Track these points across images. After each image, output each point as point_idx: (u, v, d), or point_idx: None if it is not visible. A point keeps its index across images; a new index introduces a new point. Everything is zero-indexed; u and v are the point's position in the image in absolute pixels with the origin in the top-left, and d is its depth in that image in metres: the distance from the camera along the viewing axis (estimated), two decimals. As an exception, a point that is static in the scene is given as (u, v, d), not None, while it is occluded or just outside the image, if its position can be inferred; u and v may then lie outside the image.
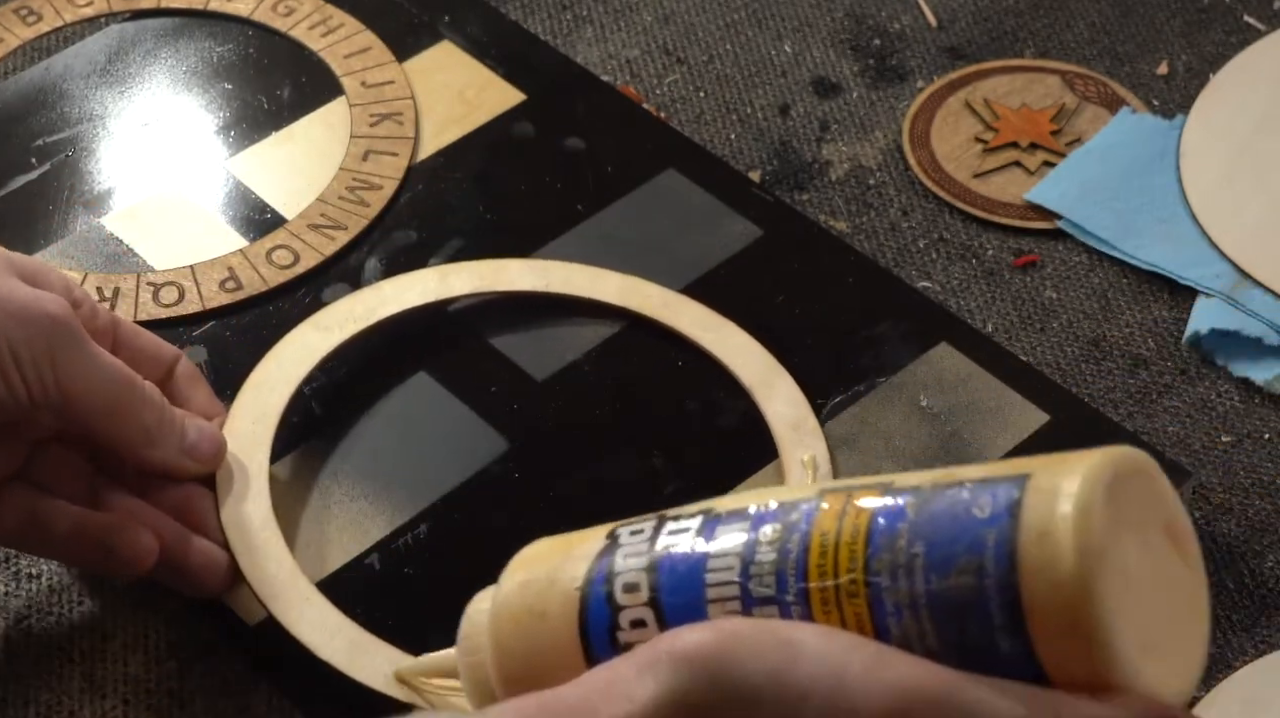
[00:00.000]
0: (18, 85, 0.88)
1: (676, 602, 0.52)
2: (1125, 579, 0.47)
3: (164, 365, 0.69)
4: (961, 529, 0.48)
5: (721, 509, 0.53)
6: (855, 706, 0.47)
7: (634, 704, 0.49)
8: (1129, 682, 0.47)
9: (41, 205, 0.82)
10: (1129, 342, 0.78)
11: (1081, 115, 0.87)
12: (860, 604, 0.49)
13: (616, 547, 0.54)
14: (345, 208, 0.82)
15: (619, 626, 0.53)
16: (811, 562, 0.50)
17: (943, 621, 0.48)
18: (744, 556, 0.51)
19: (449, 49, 0.89)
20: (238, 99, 0.87)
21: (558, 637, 0.54)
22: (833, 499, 0.51)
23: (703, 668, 0.49)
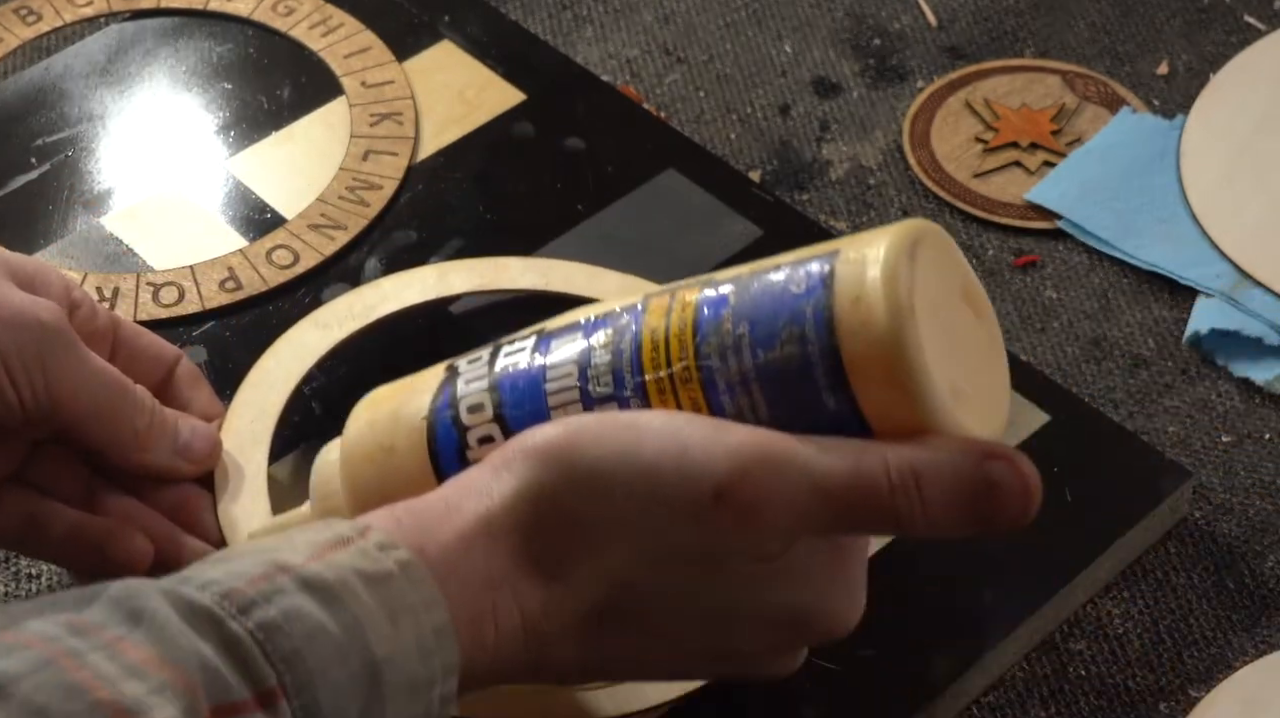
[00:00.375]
0: (18, 85, 0.88)
1: (520, 413, 0.55)
2: (933, 334, 0.51)
3: (164, 366, 0.69)
4: (781, 305, 0.51)
5: (553, 327, 0.56)
6: (699, 473, 0.51)
7: (493, 499, 0.52)
8: (945, 426, 0.51)
9: (41, 205, 0.82)
10: (1129, 342, 0.78)
11: (1082, 115, 0.86)
12: (694, 389, 0.53)
13: (456, 375, 0.57)
14: (345, 208, 0.82)
15: (467, 444, 0.56)
16: (645, 357, 0.53)
17: (772, 391, 0.52)
18: (580, 362, 0.54)
19: (449, 49, 0.89)
20: (238, 99, 0.87)
21: (409, 467, 0.56)
22: (658, 300, 0.55)
23: (554, 459, 0.52)
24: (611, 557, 0.52)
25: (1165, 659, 0.67)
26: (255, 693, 0.46)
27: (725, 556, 0.52)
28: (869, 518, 0.52)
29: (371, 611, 0.49)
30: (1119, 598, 0.69)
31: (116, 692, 0.44)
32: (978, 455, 0.51)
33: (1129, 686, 0.66)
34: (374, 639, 0.48)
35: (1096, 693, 0.66)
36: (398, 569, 0.50)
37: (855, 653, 0.64)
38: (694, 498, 0.51)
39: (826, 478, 0.51)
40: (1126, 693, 0.66)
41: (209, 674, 0.46)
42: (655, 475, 0.51)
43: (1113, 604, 0.68)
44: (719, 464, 0.51)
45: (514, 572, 0.52)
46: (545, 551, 0.52)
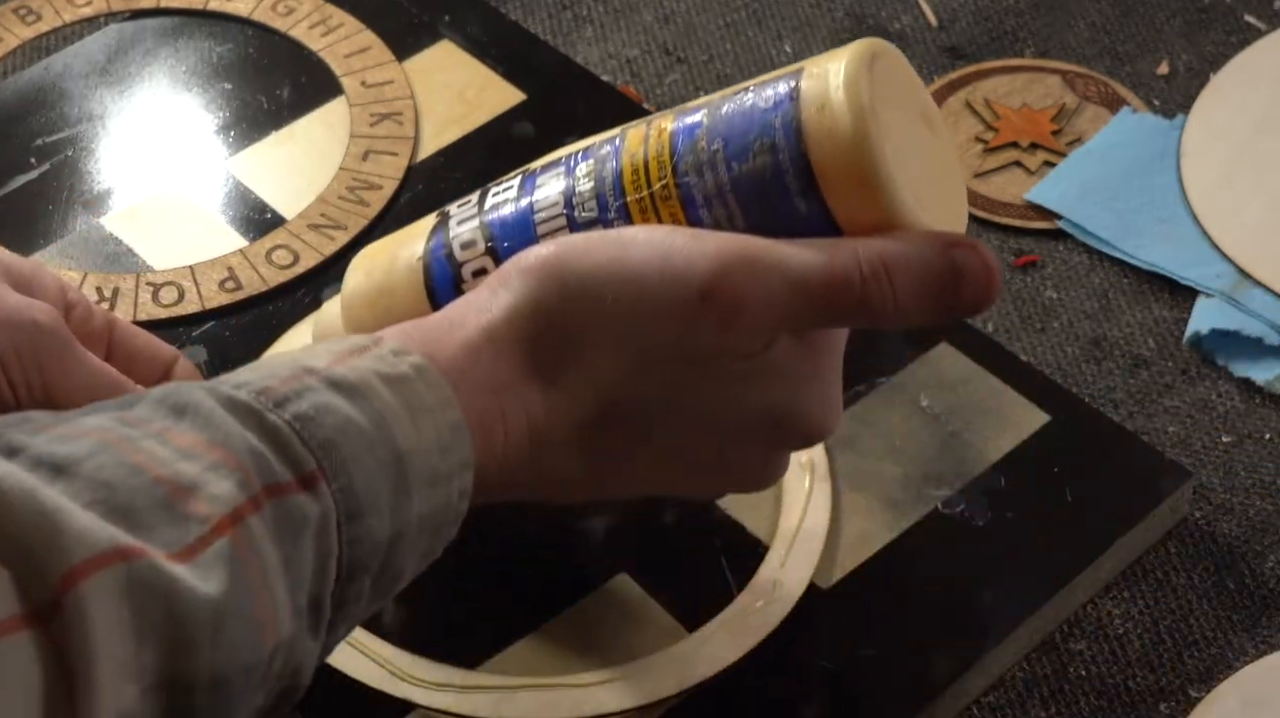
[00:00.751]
0: (17, 85, 0.88)
1: (511, 245, 0.58)
2: (894, 140, 0.54)
3: (162, 366, 0.69)
4: (751, 121, 0.55)
5: (536, 166, 0.61)
6: (683, 276, 0.54)
7: (493, 313, 0.55)
8: (910, 222, 0.55)
9: (41, 205, 0.82)
10: (1129, 342, 0.77)
11: (1082, 115, 0.86)
12: (674, 205, 0.56)
13: (448, 219, 0.61)
14: (345, 208, 0.82)
15: (462, 279, 0.59)
16: (626, 180, 0.57)
17: (747, 200, 0.55)
18: (565, 191, 0.58)
19: (449, 49, 0.89)
20: (238, 99, 0.87)
21: (408, 306, 0.60)
22: (635, 129, 0.58)
23: (546, 273, 0.55)
24: (605, 363, 0.55)
25: (1165, 659, 0.67)
26: (297, 477, 0.49)
27: (710, 355, 0.55)
28: (844, 310, 0.55)
29: (393, 407, 0.51)
30: (1119, 598, 0.68)
31: (172, 470, 0.47)
32: (942, 245, 0.55)
33: (1129, 686, 0.66)
34: (398, 433, 0.51)
35: (1097, 693, 0.66)
36: (413, 372, 0.53)
37: (855, 653, 0.65)
38: (679, 300, 0.54)
39: (803, 274, 0.54)
40: (1127, 693, 0.66)
41: (256, 458, 0.49)
42: (641, 281, 0.54)
43: (1113, 604, 0.68)
44: (701, 267, 0.54)
45: (517, 380, 0.55)
46: (544, 360, 0.55)
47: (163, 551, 0.46)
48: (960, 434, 0.71)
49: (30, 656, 0.43)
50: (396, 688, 0.63)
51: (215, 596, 0.46)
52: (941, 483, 0.69)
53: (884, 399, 0.73)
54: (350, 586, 0.50)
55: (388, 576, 0.52)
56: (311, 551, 0.49)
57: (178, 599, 0.45)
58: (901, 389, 0.73)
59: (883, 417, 0.72)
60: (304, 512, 0.49)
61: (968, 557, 0.67)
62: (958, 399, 0.72)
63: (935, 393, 0.73)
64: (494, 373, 0.55)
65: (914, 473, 0.70)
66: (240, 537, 0.47)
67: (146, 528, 0.46)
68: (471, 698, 0.63)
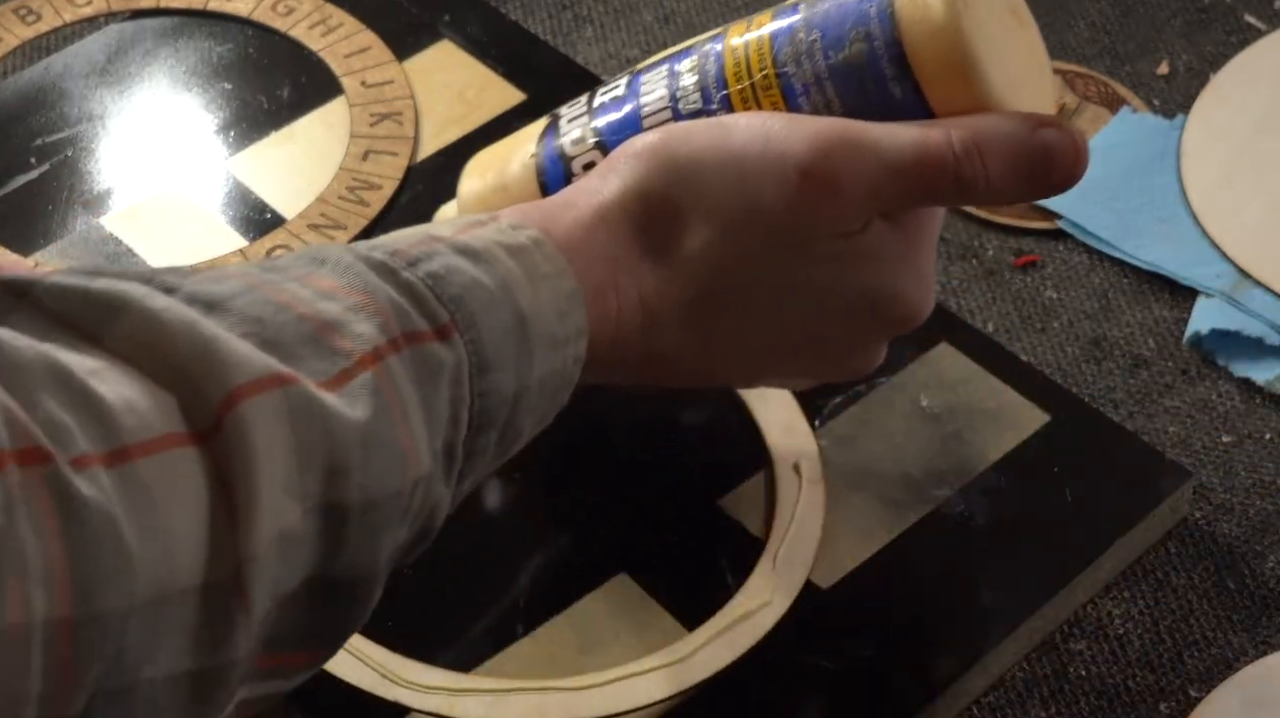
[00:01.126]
0: (17, 85, 0.88)
1: (618, 138, 0.61)
2: (983, 26, 0.57)
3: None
4: (847, 11, 0.58)
5: (640, 66, 0.64)
6: (783, 155, 0.57)
7: (604, 195, 0.58)
8: (1000, 104, 0.57)
9: (41, 205, 0.82)
10: (1129, 342, 0.77)
11: (1082, 115, 0.86)
12: (774, 94, 0.59)
13: (559, 119, 0.65)
14: (345, 208, 0.82)
15: (572, 172, 0.63)
16: (728, 72, 0.60)
17: (844, 86, 0.58)
18: (669, 86, 0.61)
19: (449, 49, 0.89)
20: (237, 99, 0.87)
21: (522, 201, 0.62)
22: (736, 26, 0.61)
23: (653, 156, 0.58)
24: (709, 240, 0.58)
25: (1165, 659, 0.67)
26: (433, 327, 0.51)
27: (809, 232, 0.57)
28: (938, 188, 0.57)
29: (514, 272, 0.54)
30: (1119, 598, 0.68)
31: (315, 309, 0.50)
32: (1032, 124, 0.57)
33: (1129, 686, 0.66)
34: (520, 296, 0.54)
35: (1097, 693, 0.66)
36: (530, 243, 0.56)
37: (855, 653, 0.65)
38: (779, 177, 0.57)
39: (897, 153, 0.57)
40: (1127, 693, 0.66)
41: (394, 304, 0.51)
42: (743, 161, 0.57)
43: (1113, 604, 0.68)
44: (800, 146, 0.57)
45: (627, 256, 0.58)
46: (652, 238, 0.58)
47: (312, 379, 0.48)
48: (960, 434, 0.71)
49: (195, 469, 0.45)
50: (388, 692, 0.63)
51: (363, 421, 0.48)
52: (941, 483, 0.69)
53: (884, 399, 0.73)
54: (479, 437, 0.53)
55: (510, 433, 0.54)
56: (447, 397, 0.51)
57: (331, 423, 0.47)
58: (901, 389, 0.73)
59: (883, 417, 0.72)
60: (440, 359, 0.51)
61: (968, 557, 0.67)
62: (958, 399, 0.72)
63: (935, 393, 0.73)
64: (606, 248, 0.57)
65: (914, 473, 0.70)
66: (381, 373, 0.49)
67: (296, 359, 0.48)
68: (463, 702, 0.63)
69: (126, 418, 0.44)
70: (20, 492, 0.41)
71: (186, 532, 0.44)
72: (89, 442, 0.43)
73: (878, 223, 0.58)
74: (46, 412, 0.43)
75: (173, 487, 0.44)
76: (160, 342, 0.46)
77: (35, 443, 0.42)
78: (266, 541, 0.45)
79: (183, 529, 0.44)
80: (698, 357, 0.60)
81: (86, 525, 0.42)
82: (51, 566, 0.41)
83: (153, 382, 0.45)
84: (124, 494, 0.43)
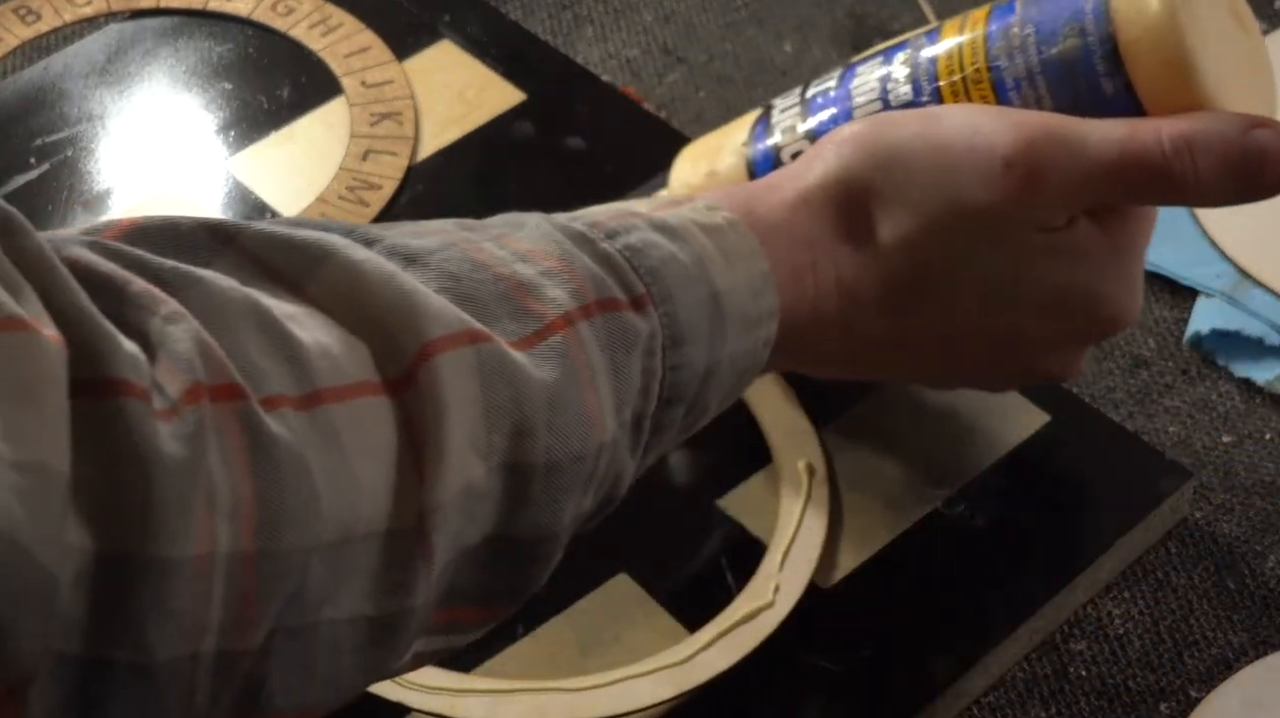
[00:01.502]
0: (17, 85, 0.88)
1: (829, 128, 0.62)
2: (1200, 25, 0.57)
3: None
4: (1062, 7, 0.59)
5: (856, 59, 0.64)
6: (989, 144, 0.57)
7: (808, 180, 0.59)
8: (1214, 103, 0.57)
9: (41, 205, 0.82)
10: (1129, 342, 0.77)
11: (1082, 115, 0.86)
12: (985, 88, 0.60)
13: (771, 108, 0.65)
14: (345, 208, 0.82)
15: (782, 162, 0.64)
16: (940, 65, 0.61)
17: (1056, 81, 0.58)
18: (881, 78, 0.62)
19: (449, 48, 0.89)
20: (237, 99, 0.87)
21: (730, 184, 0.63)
22: (951, 21, 0.62)
23: (859, 144, 0.58)
24: (911, 227, 0.58)
25: (1166, 660, 0.67)
26: (629, 298, 0.52)
27: (1012, 223, 0.57)
28: (1145, 186, 0.57)
29: (709, 250, 0.55)
30: (1119, 598, 0.68)
31: (511, 269, 0.50)
32: (1246, 124, 0.57)
33: (1129, 686, 0.66)
34: (714, 272, 0.54)
35: (1097, 693, 0.66)
36: (725, 224, 0.56)
37: (855, 653, 0.64)
38: (983, 166, 0.57)
39: (1105, 147, 0.56)
40: (1127, 693, 0.66)
41: (590, 272, 0.52)
42: (948, 150, 0.57)
43: (1113, 605, 0.68)
44: (1006, 137, 0.57)
45: (828, 237, 0.58)
46: (854, 222, 0.58)
47: (504, 338, 0.48)
48: (960, 434, 0.71)
49: (385, 417, 0.45)
50: (390, 691, 0.63)
51: (551, 383, 0.49)
52: (941, 483, 0.69)
53: (884, 399, 0.73)
54: (667, 411, 0.53)
55: (697, 409, 0.55)
56: (639, 367, 0.52)
57: (520, 383, 0.48)
58: (902, 389, 0.73)
59: (883, 417, 0.72)
60: (635, 328, 0.51)
61: (968, 557, 0.67)
62: (958, 399, 0.72)
63: (936, 393, 0.73)
64: (806, 230, 0.58)
65: (914, 473, 0.70)
66: (572, 337, 0.50)
67: (490, 317, 0.49)
68: (465, 702, 0.63)
69: (321, 363, 0.45)
70: (212, 424, 0.42)
71: (373, 478, 0.45)
72: (283, 383, 0.44)
73: (1084, 220, 0.58)
74: (244, 350, 0.44)
75: (362, 433, 0.45)
76: (359, 291, 0.47)
77: (230, 379, 0.43)
78: (452, 493, 0.46)
79: (369, 475, 0.45)
80: (895, 349, 0.60)
81: (275, 463, 0.43)
82: (239, 499, 0.42)
83: (349, 330, 0.46)
84: (313, 436, 0.44)
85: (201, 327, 0.43)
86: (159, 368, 0.42)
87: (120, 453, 0.40)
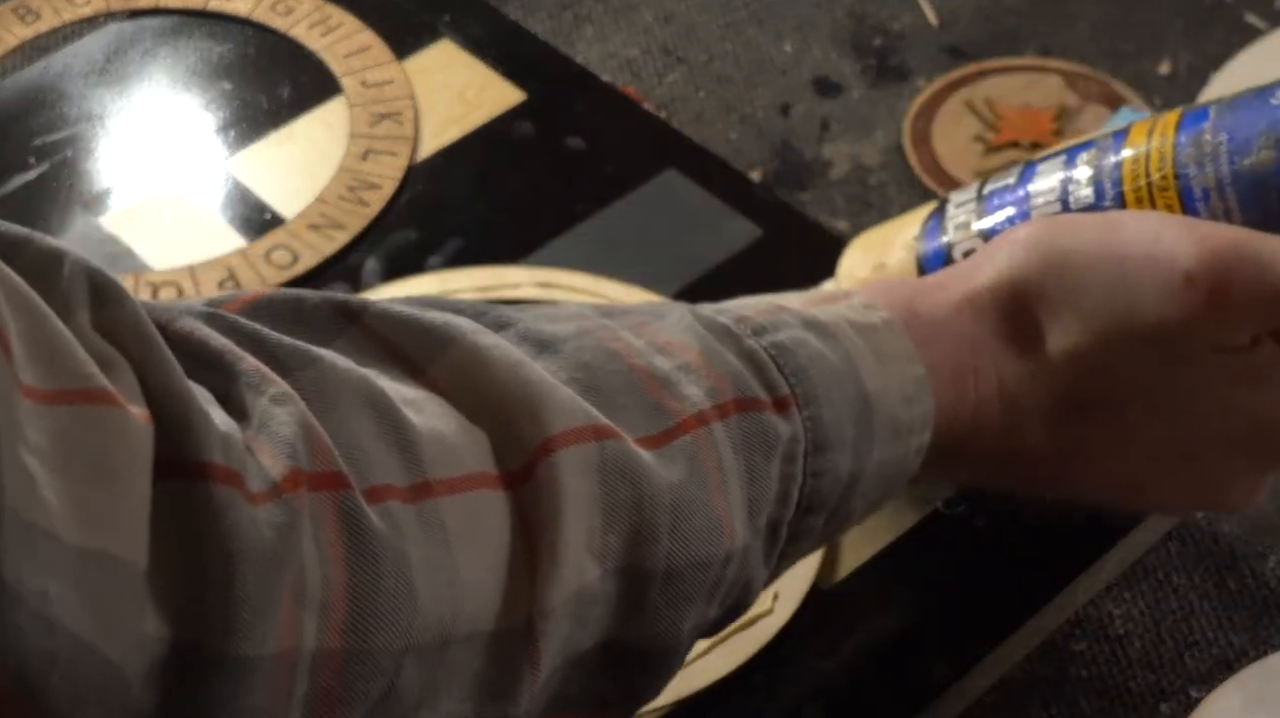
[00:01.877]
0: (16, 85, 0.88)
1: (1003, 227, 0.60)
2: None
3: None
4: (1260, 114, 0.56)
5: (1038, 157, 0.62)
6: (1171, 257, 0.53)
7: (976, 281, 0.56)
8: None
9: (40, 205, 0.82)
10: (1130, 342, 0.77)
11: (1083, 115, 0.86)
12: (1171, 196, 0.57)
13: (946, 203, 0.63)
14: (345, 208, 0.81)
15: (953, 259, 0.61)
16: (1125, 169, 0.58)
17: (1247, 194, 0.56)
18: (1062, 179, 0.60)
19: (449, 48, 0.88)
20: (237, 99, 0.87)
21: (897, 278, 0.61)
22: (1140, 124, 0.59)
23: (1033, 245, 0.55)
24: (1083, 337, 0.55)
25: (1166, 660, 0.67)
26: (772, 398, 0.50)
27: (1190, 342, 0.54)
28: None
29: (861, 350, 0.52)
30: (1120, 598, 0.68)
31: (647, 362, 0.48)
32: None
33: (1130, 686, 0.66)
34: (865, 375, 0.52)
35: (1097, 694, 0.66)
36: (881, 324, 0.54)
37: (855, 653, 0.64)
38: (1163, 280, 0.53)
39: None
40: (1127, 694, 0.66)
41: (731, 370, 0.49)
42: (1126, 259, 0.54)
43: (1114, 605, 0.68)
44: (1189, 250, 0.53)
45: (993, 341, 0.56)
46: (1022, 327, 0.56)
47: (631, 435, 0.46)
48: (961, 434, 0.71)
49: (498, 512, 0.44)
50: None
51: (676, 486, 0.46)
52: (942, 483, 0.69)
53: (884, 399, 0.72)
54: (806, 518, 0.51)
55: (839, 517, 0.52)
56: (777, 471, 0.49)
57: (645, 483, 0.46)
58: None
59: (883, 417, 0.72)
60: (776, 431, 0.49)
61: (968, 557, 0.67)
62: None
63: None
64: (971, 332, 0.55)
65: (914, 473, 0.70)
66: (703, 439, 0.48)
67: (618, 410, 0.47)
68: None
69: (434, 452, 0.43)
70: (309, 513, 0.40)
71: (480, 576, 0.43)
72: (392, 472, 0.42)
73: (1269, 342, 0.55)
74: (353, 435, 0.42)
75: (472, 528, 0.43)
76: (483, 378, 0.45)
77: (332, 467, 0.41)
78: (563, 597, 0.44)
79: (476, 573, 0.43)
80: (1061, 464, 0.57)
81: (372, 556, 0.41)
82: (329, 593, 0.40)
83: (470, 418, 0.45)
84: (418, 530, 0.42)
85: (310, 410, 0.42)
86: (260, 451, 0.40)
87: (204, 541, 0.38)
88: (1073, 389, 0.55)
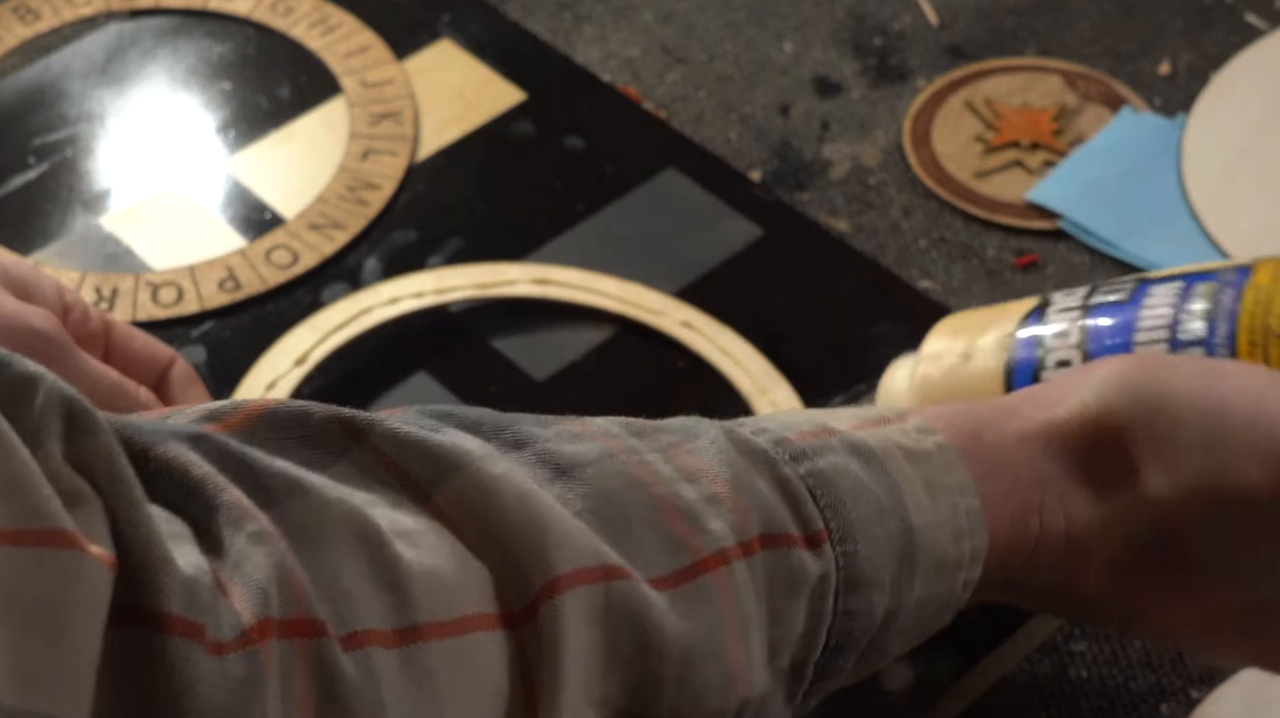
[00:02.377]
0: (16, 85, 0.88)
1: (1103, 347, 0.56)
2: None
3: (159, 368, 0.69)
4: None
5: (1155, 276, 0.58)
6: (1274, 420, 0.50)
7: (1057, 412, 0.52)
8: None
9: (41, 205, 0.82)
10: (1130, 342, 0.77)
11: (1083, 115, 0.86)
12: None
13: (1049, 304, 0.59)
14: (345, 207, 0.81)
15: (1044, 366, 0.58)
16: (1244, 309, 0.54)
17: None
18: (1175, 307, 0.55)
19: (449, 48, 0.88)
20: (237, 98, 0.87)
21: (981, 376, 0.58)
22: (1267, 262, 0.55)
23: (1127, 384, 0.51)
24: (1164, 490, 0.51)
25: (1166, 660, 0.67)
26: (804, 533, 0.47)
27: None
28: None
29: (910, 480, 0.49)
30: (1120, 599, 0.68)
31: (672, 492, 0.45)
32: None
33: (1130, 687, 0.66)
34: (912, 507, 0.49)
35: (1098, 694, 0.66)
36: (935, 450, 0.50)
37: (855, 654, 0.64)
38: (1263, 444, 0.50)
39: None
40: (1128, 694, 0.66)
41: (761, 502, 0.46)
42: (1226, 416, 0.50)
43: (1114, 605, 0.68)
44: None
45: (1065, 480, 0.52)
46: (1101, 470, 0.52)
47: (645, 574, 0.44)
48: (961, 434, 0.71)
49: (496, 653, 0.42)
50: None
51: (689, 631, 0.44)
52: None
53: (884, 399, 0.72)
54: (835, 659, 0.48)
55: (873, 655, 0.49)
56: (804, 611, 0.47)
57: (652, 630, 0.43)
58: (902, 389, 0.73)
59: (883, 417, 0.72)
60: (805, 569, 0.46)
61: (968, 557, 0.67)
62: (958, 399, 0.72)
63: (936, 393, 0.73)
64: (1041, 466, 0.52)
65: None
66: (723, 580, 0.45)
67: (633, 545, 0.44)
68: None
69: (428, 592, 0.41)
70: (279, 666, 0.38)
71: None
72: (377, 615, 0.40)
73: None
74: (338, 576, 0.40)
75: (463, 674, 0.41)
76: (489, 509, 0.42)
77: (306, 614, 0.39)
78: None
79: None
80: (1120, 608, 0.54)
81: (345, 710, 0.39)
82: None
83: (472, 551, 0.42)
84: (400, 678, 0.40)
85: (293, 547, 0.39)
86: (231, 594, 0.38)
87: (156, 700, 0.36)
88: (1145, 541, 0.52)
